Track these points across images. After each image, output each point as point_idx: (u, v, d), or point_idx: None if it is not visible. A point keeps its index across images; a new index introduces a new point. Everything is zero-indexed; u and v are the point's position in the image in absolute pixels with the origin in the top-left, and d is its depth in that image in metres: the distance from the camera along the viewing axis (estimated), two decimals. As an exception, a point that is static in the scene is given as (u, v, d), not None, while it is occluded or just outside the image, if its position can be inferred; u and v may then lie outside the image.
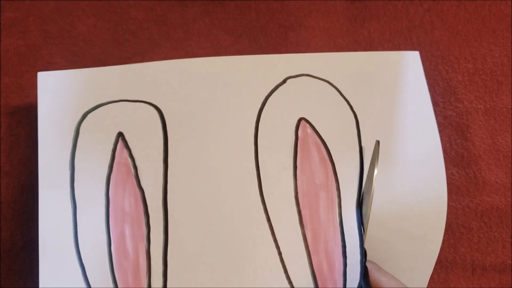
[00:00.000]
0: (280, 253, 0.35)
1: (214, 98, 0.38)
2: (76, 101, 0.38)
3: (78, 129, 0.37)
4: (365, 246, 0.34)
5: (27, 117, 0.40)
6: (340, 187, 0.36)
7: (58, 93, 0.38)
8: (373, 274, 0.32)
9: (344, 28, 0.44)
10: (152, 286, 0.34)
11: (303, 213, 0.36)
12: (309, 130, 0.38)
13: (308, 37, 0.44)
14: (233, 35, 0.43)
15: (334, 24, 0.44)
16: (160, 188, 0.36)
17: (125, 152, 0.37)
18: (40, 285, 0.34)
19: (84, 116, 0.37)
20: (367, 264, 0.33)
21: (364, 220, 0.34)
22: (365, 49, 0.43)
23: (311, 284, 0.34)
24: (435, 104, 0.41)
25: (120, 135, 0.37)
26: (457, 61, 0.43)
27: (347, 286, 0.34)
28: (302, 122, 0.38)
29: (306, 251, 0.35)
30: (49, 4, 0.44)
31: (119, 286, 0.34)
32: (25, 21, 0.43)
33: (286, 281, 0.34)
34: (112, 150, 0.37)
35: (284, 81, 0.39)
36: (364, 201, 0.35)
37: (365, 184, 0.36)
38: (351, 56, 0.40)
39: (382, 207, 0.36)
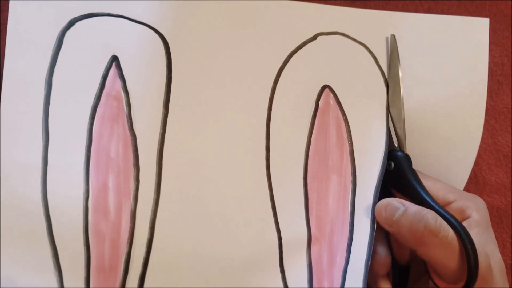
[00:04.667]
0: (279, 238, 0.30)
1: (231, 43, 0.31)
2: (63, 3, 0.29)
3: (62, 38, 0.29)
4: (407, 151, 0.31)
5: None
6: (357, 172, 0.31)
7: None
8: (420, 179, 0.30)
9: (344, 28, 0.44)
10: (132, 255, 0.27)
11: (310, 196, 0.31)
12: (332, 101, 0.32)
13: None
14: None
15: (335, 24, 0.44)
16: (157, 137, 0.29)
17: (119, 82, 0.29)
18: None
19: (72, 24, 0.29)
20: (417, 172, 0.31)
21: (397, 125, 0.31)
22: (365, 49, 0.43)
23: (305, 278, 0.30)
24: (435, 104, 0.41)
25: (115, 59, 0.29)
26: (457, 61, 0.43)
27: (345, 286, 0.30)
28: (326, 90, 0.32)
29: (307, 239, 0.30)
30: (49, 4, 0.44)
31: (92, 253, 0.27)
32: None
33: (279, 272, 0.30)
34: (103, 76, 0.29)
35: (314, 37, 0.32)
36: (393, 104, 0.32)
37: (390, 83, 0.32)
38: (400, 16, 0.34)
39: (415, 109, 0.32)
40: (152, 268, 0.28)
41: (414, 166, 0.32)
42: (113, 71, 0.29)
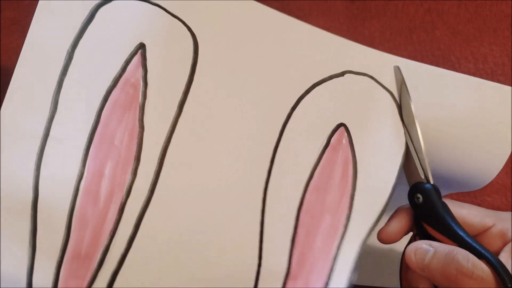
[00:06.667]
0: (259, 265, 0.29)
1: (258, 61, 0.30)
2: None
3: (94, 13, 0.27)
4: (429, 166, 0.30)
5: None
6: (351, 217, 0.30)
7: None
8: (453, 209, 0.29)
9: (344, 28, 0.44)
10: (110, 248, 0.26)
11: (299, 230, 0.30)
12: (345, 140, 0.31)
13: (309, 36, 0.44)
14: (233, 34, 0.43)
15: (335, 23, 0.44)
16: (164, 134, 0.28)
17: (140, 71, 0.28)
18: None
19: (108, 0, 0.28)
20: (444, 200, 0.30)
21: (419, 155, 0.30)
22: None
23: None
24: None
25: (142, 47, 0.28)
26: (457, 61, 0.43)
27: None
28: (341, 128, 0.31)
29: (285, 273, 0.29)
30: (49, 4, 0.44)
31: (71, 238, 0.26)
32: (25, 21, 0.43)
33: None
34: (126, 61, 0.27)
35: (342, 74, 0.31)
36: (415, 153, 0.30)
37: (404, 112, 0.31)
38: (429, 69, 0.32)
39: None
40: (127, 266, 0.26)
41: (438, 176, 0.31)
42: (137, 58, 0.28)
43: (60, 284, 0.25)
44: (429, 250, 0.27)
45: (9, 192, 0.25)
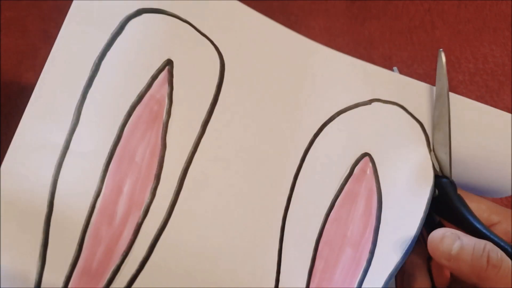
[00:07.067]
0: None
1: (284, 86, 0.29)
2: None
3: (125, 25, 0.27)
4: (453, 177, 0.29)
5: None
6: (376, 251, 0.28)
7: None
8: (467, 205, 0.29)
9: (344, 28, 0.44)
10: (122, 268, 0.25)
11: (317, 262, 0.28)
12: (369, 171, 0.29)
13: (309, 36, 0.43)
14: (233, 34, 0.43)
15: (335, 23, 0.44)
16: (186, 154, 0.27)
17: (166, 88, 0.27)
18: None
19: (139, 13, 0.27)
20: (460, 193, 0.29)
21: (442, 149, 0.29)
22: (365, 49, 0.43)
23: None
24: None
25: (169, 63, 0.27)
26: (458, 61, 0.43)
27: None
28: (366, 158, 0.30)
29: None
30: (48, 3, 0.44)
31: (82, 254, 0.25)
32: (25, 20, 0.43)
33: None
34: (152, 76, 0.27)
35: (369, 102, 0.30)
36: (438, 146, 0.30)
37: (436, 111, 0.30)
38: (463, 102, 0.31)
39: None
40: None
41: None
42: (164, 74, 0.27)
43: None
44: (457, 240, 0.26)
45: (23, 204, 0.24)
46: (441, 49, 0.30)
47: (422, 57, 0.41)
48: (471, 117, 0.31)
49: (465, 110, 0.31)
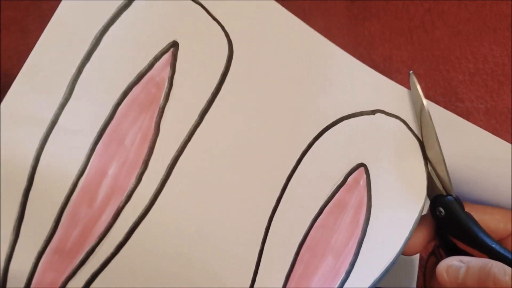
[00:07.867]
0: None
1: (289, 85, 0.28)
2: None
3: (132, 1, 0.25)
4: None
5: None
6: (356, 263, 0.28)
7: None
8: (475, 216, 0.28)
9: (344, 28, 0.44)
10: (96, 250, 0.24)
11: (296, 267, 0.28)
12: (363, 182, 0.29)
13: (309, 36, 0.44)
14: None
15: (335, 23, 0.44)
16: (179, 142, 0.26)
17: (168, 71, 0.26)
18: None
19: None
20: (466, 206, 0.29)
21: (439, 168, 0.28)
22: (365, 49, 0.43)
23: None
24: (435, 103, 0.41)
25: (174, 45, 0.26)
26: (458, 60, 0.43)
27: None
28: (361, 169, 0.29)
29: None
30: (48, 3, 0.44)
31: (57, 232, 0.24)
32: (25, 20, 0.43)
33: None
34: (155, 57, 0.25)
35: (373, 112, 0.29)
36: (434, 164, 0.29)
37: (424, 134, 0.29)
38: (463, 124, 0.30)
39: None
40: (110, 271, 0.25)
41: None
42: (167, 56, 0.26)
43: (37, 274, 0.24)
44: (461, 267, 0.26)
45: (2, 175, 0.23)
46: (411, 71, 0.30)
47: (422, 57, 0.41)
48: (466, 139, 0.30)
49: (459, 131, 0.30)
